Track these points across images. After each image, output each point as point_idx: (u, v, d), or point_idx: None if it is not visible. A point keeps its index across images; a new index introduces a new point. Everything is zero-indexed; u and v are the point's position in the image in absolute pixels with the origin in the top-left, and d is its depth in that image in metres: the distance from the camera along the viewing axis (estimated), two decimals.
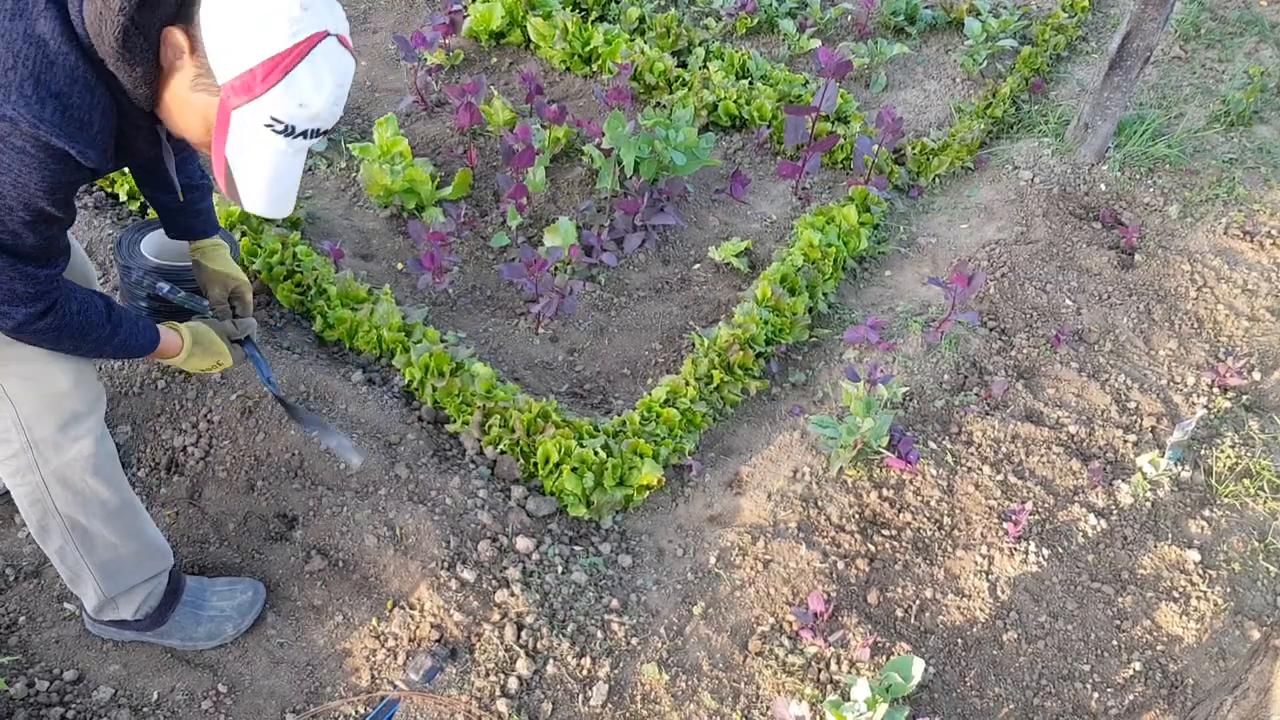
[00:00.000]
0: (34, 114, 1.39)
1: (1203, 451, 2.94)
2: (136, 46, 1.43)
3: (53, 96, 1.40)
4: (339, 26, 1.50)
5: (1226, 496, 2.84)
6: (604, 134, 3.32)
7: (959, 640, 2.45)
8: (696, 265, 3.39)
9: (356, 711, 2.18)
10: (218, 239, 2.21)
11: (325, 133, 1.56)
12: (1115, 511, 2.74)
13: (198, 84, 1.48)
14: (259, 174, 1.54)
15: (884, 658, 2.36)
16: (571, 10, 4.17)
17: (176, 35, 1.46)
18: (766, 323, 3.02)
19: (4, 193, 1.44)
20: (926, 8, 4.53)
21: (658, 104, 3.89)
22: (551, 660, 2.28)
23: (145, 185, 2.08)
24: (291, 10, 1.43)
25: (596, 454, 2.59)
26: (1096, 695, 2.39)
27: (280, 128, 1.48)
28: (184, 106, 1.53)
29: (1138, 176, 3.80)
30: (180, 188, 1.98)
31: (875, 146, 3.55)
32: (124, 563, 2.04)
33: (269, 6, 1.42)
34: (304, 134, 1.51)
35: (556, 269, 3.25)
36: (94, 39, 1.42)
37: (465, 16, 4.05)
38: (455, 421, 2.69)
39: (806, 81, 4.00)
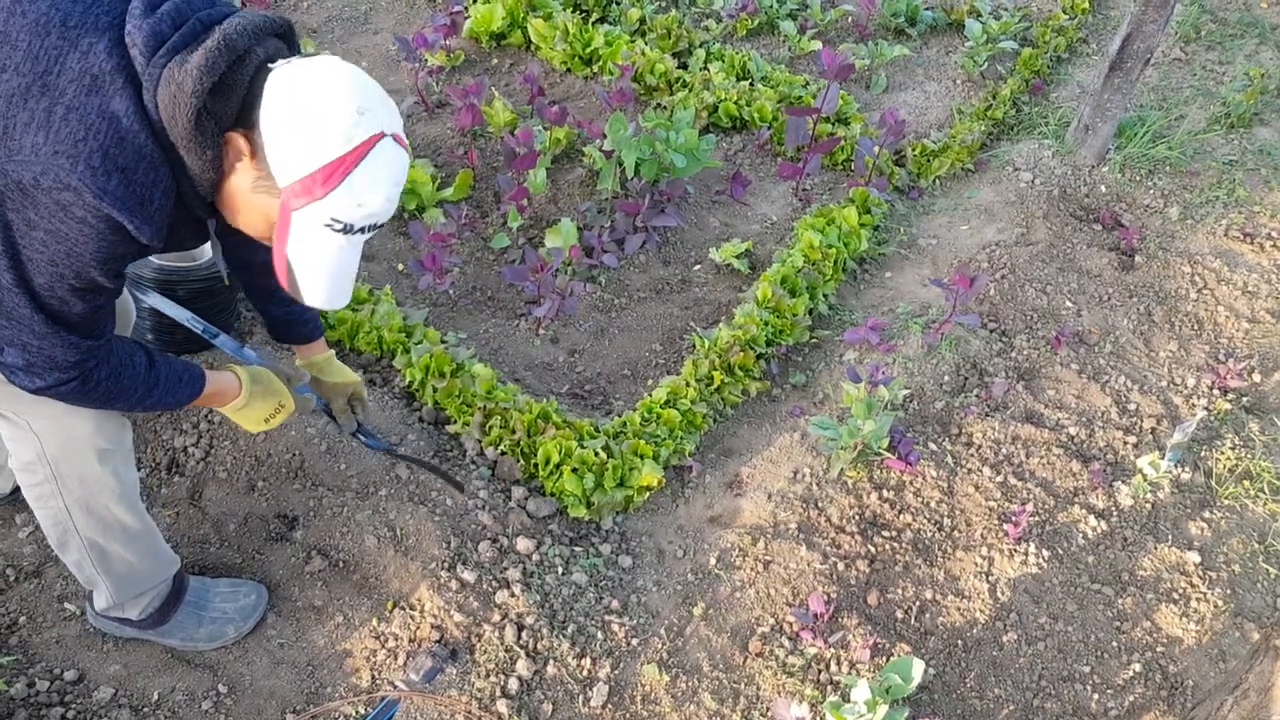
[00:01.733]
0: (99, 185, 1.42)
1: (1203, 453, 2.94)
2: (208, 130, 1.47)
3: (118, 171, 1.44)
4: (393, 126, 1.53)
5: (1226, 498, 2.84)
6: (605, 135, 3.32)
7: (959, 641, 2.45)
8: (697, 266, 3.39)
9: (357, 712, 2.18)
10: (330, 352, 2.24)
11: (381, 226, 1.60)
12: (1115, 513, 2.74)
13: (258, 185, 1.52)
14: (319, 269, 1.57)
15: (884, 659, 2.36)
16: (572, 11, 4.17)
17: (238, 140, 1.49)
18: (767, 324, 3.02)
19: (58, 259, 1.47)
20: (927, 9, 4.54)
21: (659, 105, 3.90)
22: (552, 661, 2.28)
23: (252, 297, 2.13)
24: (349, 116, 1.46)
25: (597, 455, 2.59)
26: (1096, 696, 2.39)
27: (339, 226, 1.52)
28: (246, 205, 1.57)
29: (1138, 178, 3.80)
30: (283, 299, 2.05)
31: (876, 148, 3.56)
32: (137, 576, 2.08)
33: (328, 113, 1.46)
34: (362, 230, 1.55)
35: (557, 270, 3.26)
36: (166, 121, 1.45)
37: (466, 18, 4.05)
38: (456, 422, 2.70)
39: (807, 83, 4.01)
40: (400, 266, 3.22)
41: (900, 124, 3.51)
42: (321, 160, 1.46)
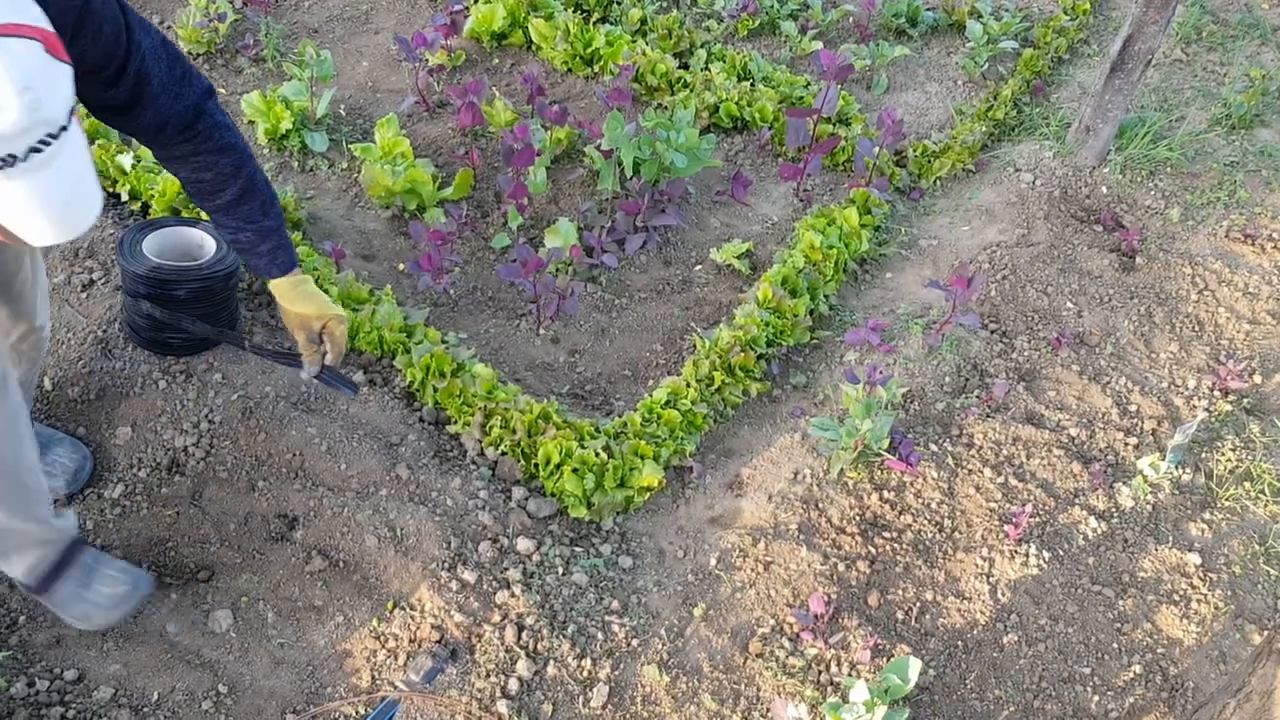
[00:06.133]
0: None
1: (1203, 454, 2.94)
2: None
3: None
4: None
5: (1227, 500, 2.84)
6: (604, 135, 3.32)
7: (959, 642, 2.45)
8: (698, 267, 3.39)
9: (357, 712, 2.18)
10: (300, 276, 2.04)
11: (54, 135, 1.30)
12: (1116, 514, 2.74)
13: None
14: (22, 214, 1.32)
15: (884, 660, 2.36)
16: (573, 11, 4.17)
17: None
18: (768, 324, 3.02)
19: None
20: (928, 10, 4.53)
21: (659, 105, 3.89)
22: (552, 661, 2.28)
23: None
24: None
25: (597, 455, 2.59)
26: (1097, 698, 2.39)
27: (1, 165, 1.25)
28: None
29: (1139, 179, 3.80)
30: (234, 229, 1.94)
31: (876, 149, 3.56)
32: (9, 533, 1.98)
33: None
34: (32, 150, 1.28)
35: (557, 270, 3.25)
36: None
37: (467, 17, 4.05)
38: (456, 422, 2.69)
39: (808, 83, 4.01)
40: (400, 266, 3.22)
41: (899, 124, 3.51)
42: None
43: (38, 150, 1.28)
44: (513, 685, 2.22)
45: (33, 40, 1.26)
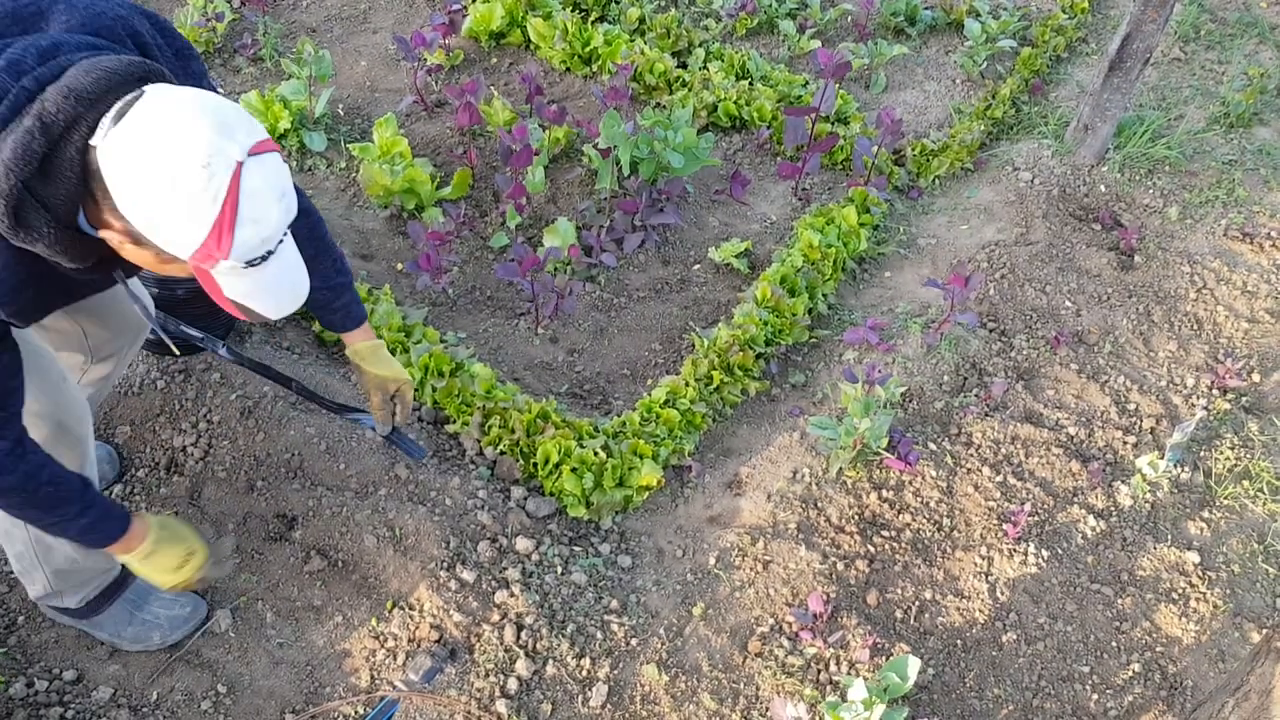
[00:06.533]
0: None
1: (1202, 453, 2.94)
2: (37, 221, 1.37)
3: None
4: (246, 142, 1.37)
5: (1226, 498, 2.84)
6: (602, 134, 3.32)
7: (958, 641, 2.45)
8: (696, 266, 3.39)
9: (356, 712, 2.18)
10: (375, 340, 2.14)
11: (289, 224, 1.50)
12: (1114, 513, 2.75)
13: (161, 258, 1.42)
14: (263, 295, 1.49)
15: (883, 659, 2.36)
16: (571, 11, 4.16)
17: (113, 236, 1.40)
18: (766, 324, 3.02)
19: None
20: (926, 9, 4.53)
21: (658, 104, 3.89)
22: (551, 661, 2.28)
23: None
24: (200, 176, 1.32)
25: (596, 455, 2.59)
26: (1096, 696, 2.39)
27: (257, 259, 1.42)
28: (150, 262, 1.47)
29: (1137, 178, 3.80)
30: (316, 290, 1.95)
31: (875, 147, 3.55)
32: (79, 571, 2.06)
33: (181, 185, 1.32)
34: (278, 244, 1.46)
35: (556, 269, 3.25)
36: None
37: (465, 17, 4.05)
38: (455, 422, 2.69)
39: (806, 82, 4.00)
40: (399, 266, 3.22)
41: (897, 123, 3.51)
42: (203, 231, 1.35)
43: (281, 243, 1.46)
44: (512, 685, 2.22)
45: (274, 154, 1.42)
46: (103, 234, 1.43)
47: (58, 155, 1.33)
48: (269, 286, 1.49)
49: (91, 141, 1.33)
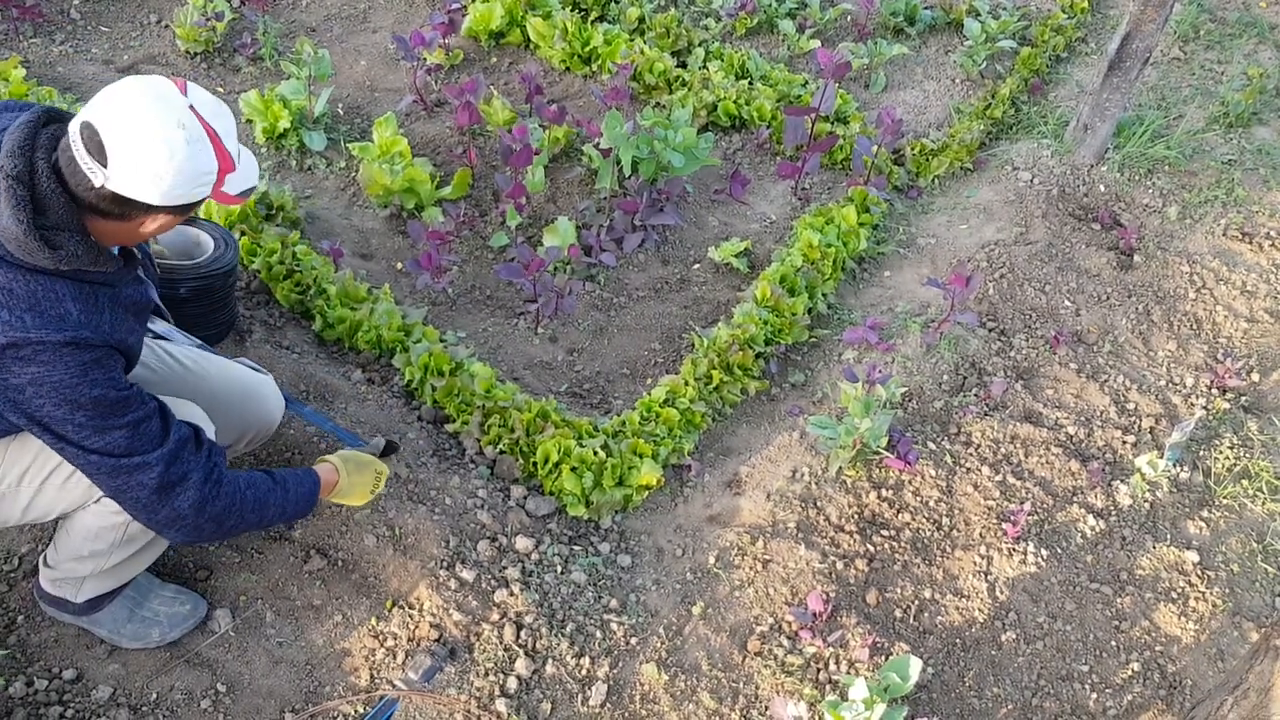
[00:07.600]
0: (19, 330, 1.61)
1: (1201, 453, 2.94)
2: (58, 238, 1.63)
3: (26, 310, 1.62)
4: (168, 87, 1.67)
5: (1225, 498, 2.84)
6: (602, 134, 3.32)
7: (958, 640, 2.45)
8: (696, 265, 3.39)
9: (355, 711, 2.18)
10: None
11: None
12: (1114, 512, 2.75)
13: (193, 209, 1.76)
14: (247, 169, 1.79)
15: (883, 658, 2.36)
16: (571, 10, 4.16)
17: (154, 227, 1.73)
18: (766, 323, 3.02)
19: (56, 408, 1.65)
20: (926, 8, 4.54)
21: (657, 104, 3.89)
22: (550, 660, 2.28)
23: None
24: (183, 137, 1.63)
25: (596, 454, 2.59)
26: (1095, 695, 2.40)
27: (239, 151, 1.77)
28: (174, 223, 1.78)
29: (1137, 178, 3.80)
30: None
31: (874, 147, 3.56)
32: (123, 575, 2.12)
33: (179, 152, 1.63)
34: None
35: (555, 269, 3.25)
36: (20, 255, 1.62)
37: (465, 16, 4.05)
38: (455, 421, 2.69)
39: (806, 82, 4.01)
40: (399, 265, 3.22)
41: (897, 123, 3.51)
42: (214, 163, 1.68)
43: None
44: (511, 684, 2.22)
45: (187, 82, 1.73)
46: (146, 232, 1.73)
47: (37, 191, 1.63)
48: (245, 162, 1.80)
49: (96, 184, 1.62)
